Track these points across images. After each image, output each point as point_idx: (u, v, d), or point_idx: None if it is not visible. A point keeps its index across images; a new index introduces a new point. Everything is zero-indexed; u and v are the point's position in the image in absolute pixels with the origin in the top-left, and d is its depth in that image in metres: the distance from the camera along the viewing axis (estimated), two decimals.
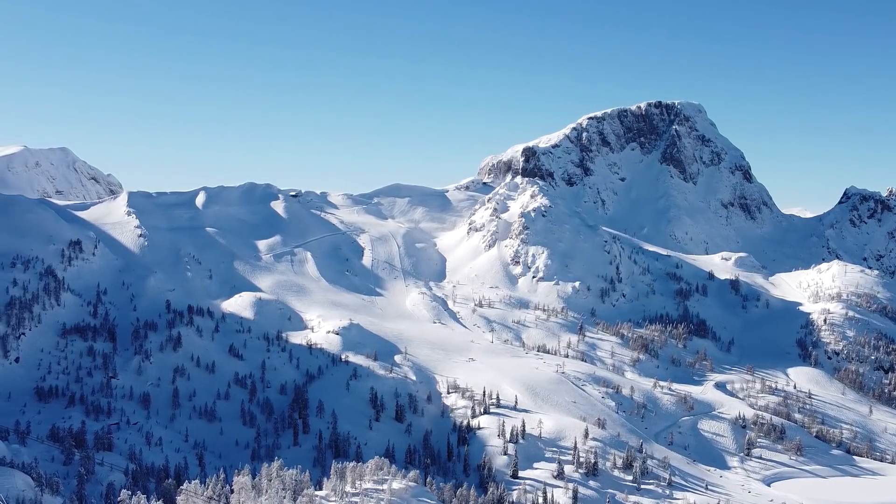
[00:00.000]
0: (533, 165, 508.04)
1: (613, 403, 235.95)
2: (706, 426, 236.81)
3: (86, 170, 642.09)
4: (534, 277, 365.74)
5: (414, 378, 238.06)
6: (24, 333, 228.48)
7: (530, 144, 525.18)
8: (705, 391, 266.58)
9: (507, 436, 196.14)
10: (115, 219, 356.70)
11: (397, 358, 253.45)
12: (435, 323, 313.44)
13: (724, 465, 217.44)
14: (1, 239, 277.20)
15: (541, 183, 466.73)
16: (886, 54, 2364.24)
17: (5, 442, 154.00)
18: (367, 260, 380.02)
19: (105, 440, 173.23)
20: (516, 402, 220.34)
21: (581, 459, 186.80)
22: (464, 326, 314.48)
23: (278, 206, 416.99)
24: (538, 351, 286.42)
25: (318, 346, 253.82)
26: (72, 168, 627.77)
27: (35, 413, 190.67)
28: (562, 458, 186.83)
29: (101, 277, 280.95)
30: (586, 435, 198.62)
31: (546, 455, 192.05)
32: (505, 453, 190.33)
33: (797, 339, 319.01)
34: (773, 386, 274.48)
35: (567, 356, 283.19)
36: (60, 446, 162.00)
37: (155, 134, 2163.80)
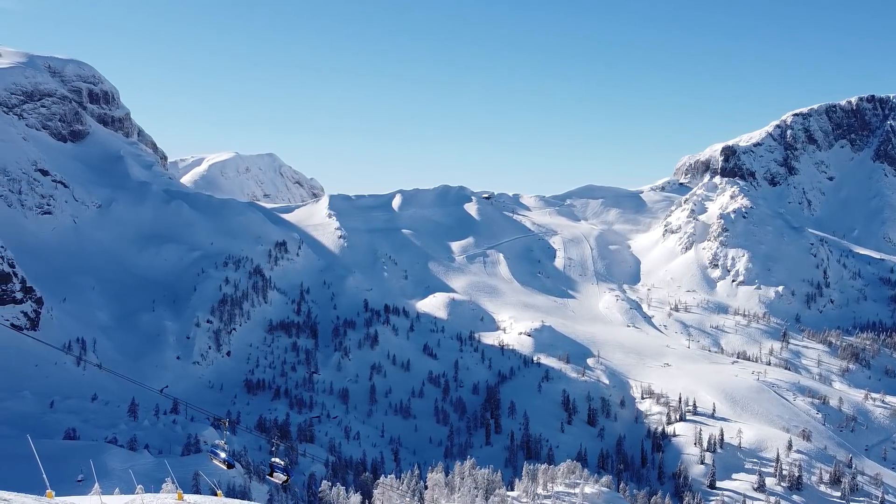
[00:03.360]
0: (733, 165, 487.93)
1: (819, 415, 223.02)
2: None
3: (290, 174, 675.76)
4: (733, 281, 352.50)
5: (607, 382, 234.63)
6: (234, 329, 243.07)
7: (730, 143, 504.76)
8: None
9: (705, 444, 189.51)
10: (317, 221, 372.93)
11: (590, 361, 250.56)
12: (628, 326, 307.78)
13: None
14: (215, 239, 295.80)
15: (741, 183, 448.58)
16: None
17: (218, 430, 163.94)
18: (559, 262, 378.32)
19: (307, 432, 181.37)
20: (714, 410, 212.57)
21: (784, 472, 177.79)
22: (658, 330, 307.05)
23: (471, 208, 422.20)
24: (737, 357, 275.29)
25: (510, 346, 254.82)
26: (278, 173, 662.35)
27: (244, 404, 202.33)
28: (763, 469, 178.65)
29: (304, 277, 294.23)
30: (790, 447, 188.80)
31: (745, 466, 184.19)
32: (702, 462, 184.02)
33: None
34: None
35: (769, 364, 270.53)
36: (267, 436, 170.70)
37: (354, 138, 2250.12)
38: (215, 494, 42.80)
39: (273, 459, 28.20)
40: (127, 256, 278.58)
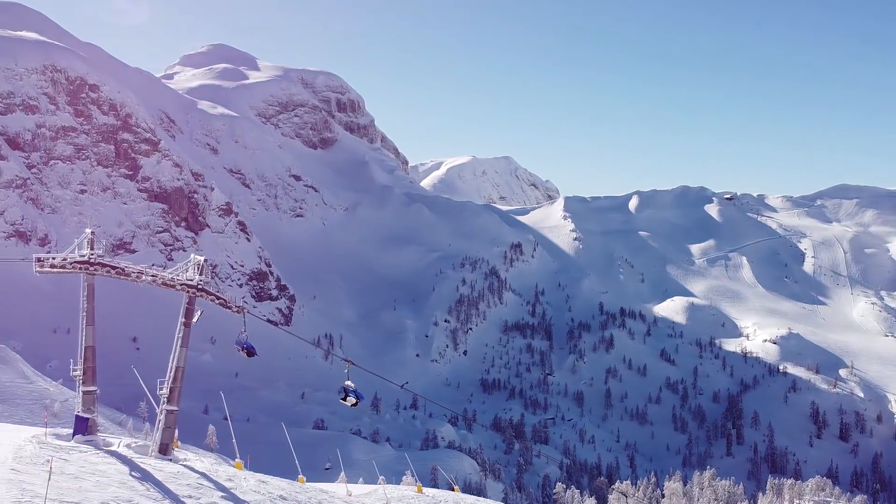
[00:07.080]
0: None
1: None
2: None
3: (526, 176, 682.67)
4: None
5: (861, 395, 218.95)
6: (471, 329, 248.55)
7: None
8: None
9: None
10: (552, 223, 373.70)
11: (842, 372, 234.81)
12: (887, 336, 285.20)
13: None
14: (452, 241, 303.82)
15: None
16: None
17: (455, 427, 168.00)
18: (807, 266, 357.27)
19: (542, 433, 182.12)
20: None
21: None
22: None
23: (712, 210, 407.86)
24: None
25: (754, 354, 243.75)
26: (513, 175, 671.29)
27: (480, 403, 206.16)
28: None
29: (538, 278, 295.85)
30: None
31: None
32: None
33: None
34: None
35: None
36: (502, 435, 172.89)
37: (590, 139, 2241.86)
38: (452, 489, 43.61)
39: (346, 383, 27.71)
40: (370, 257, 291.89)
